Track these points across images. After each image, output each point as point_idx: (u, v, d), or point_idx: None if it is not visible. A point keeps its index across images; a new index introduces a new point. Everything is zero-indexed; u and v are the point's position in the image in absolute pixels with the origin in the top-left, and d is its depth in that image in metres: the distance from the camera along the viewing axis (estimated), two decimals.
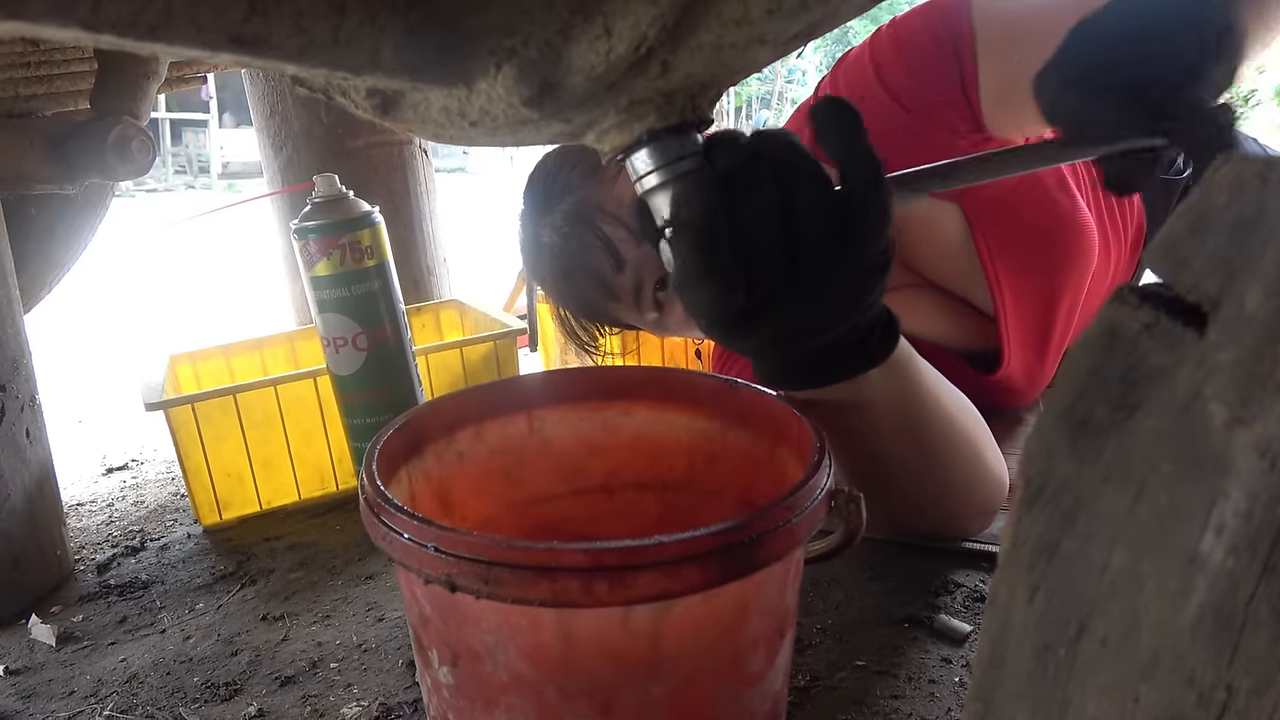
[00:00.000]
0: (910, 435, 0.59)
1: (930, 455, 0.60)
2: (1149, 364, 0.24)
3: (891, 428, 0.58)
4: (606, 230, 0.74)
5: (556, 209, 0.75)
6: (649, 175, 0.43)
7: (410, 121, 0.41)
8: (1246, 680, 0.20)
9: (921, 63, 0.76)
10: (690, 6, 0.34)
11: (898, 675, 0.58)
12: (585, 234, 0.74)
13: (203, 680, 0.64)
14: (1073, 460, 0.25)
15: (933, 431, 0.59)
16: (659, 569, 0.36)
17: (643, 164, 0.42)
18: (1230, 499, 0.20)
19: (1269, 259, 0.21)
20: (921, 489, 0.63)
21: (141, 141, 0.82)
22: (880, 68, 0.78)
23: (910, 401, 0.58)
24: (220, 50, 0.28)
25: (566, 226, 0.74)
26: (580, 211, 0.74)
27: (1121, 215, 0.90)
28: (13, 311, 0.79)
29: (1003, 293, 0.83)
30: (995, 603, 0.27)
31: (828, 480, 0.43)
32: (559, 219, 0.75)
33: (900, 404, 0.57)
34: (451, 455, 0.55)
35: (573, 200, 0.75)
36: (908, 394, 0.57)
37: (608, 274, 0.75)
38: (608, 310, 0.80)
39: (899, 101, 0.77)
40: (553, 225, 0.75)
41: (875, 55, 0.79)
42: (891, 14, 1.18)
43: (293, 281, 1.37)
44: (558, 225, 0.75)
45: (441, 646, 0.42)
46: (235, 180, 9.95)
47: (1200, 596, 0.21)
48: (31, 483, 0.80)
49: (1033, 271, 0.82)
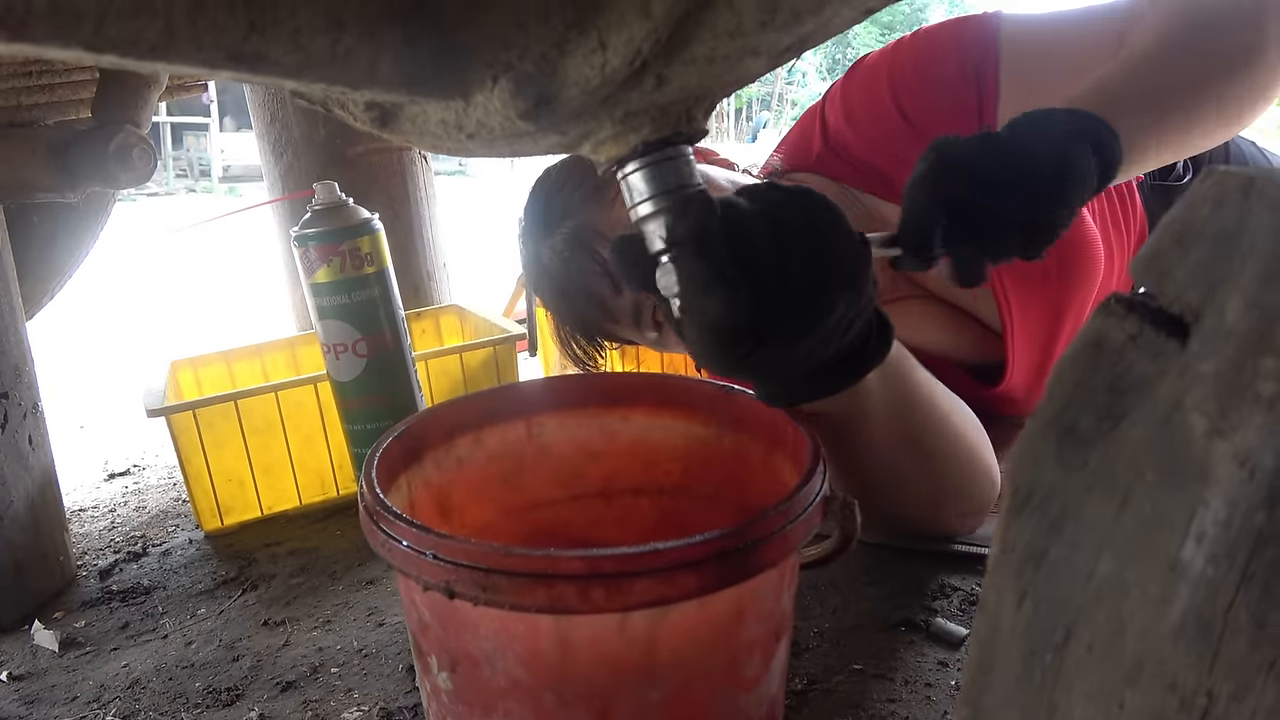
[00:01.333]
0: (906, 437, 0.59)
1: (926, 456, 0.61)
2: (1134, 374, 0.25)
3: (888, 430, 0.59)
4: (605, 255, 0.74)
5: (556, 232, 0.76)
6: (644, 203, 0.43)
7: (408, 133, 0.42)
8: (1226, 686, 0.20)
9: (940, 87, 0.76)
10: (684, 20, 0.34)
11: (894, 679, 0.58)
12: (584, 258, 0.74)
13: (204, 685, 0.65)
14: (1060, 468, 0.26)
15: (928, 433, 0.60)
16: (655, 575, 0.37)
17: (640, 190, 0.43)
18: (1210, 508, 0.21)
19: (1249, 272, 0.22)
20: (916, 489, 0.64)
21: (143, 150, 0.82)
22: (896, 84, 0.78)
23: (906, 404, 0.58)
24: (220, 68, 0.28)
25: (566, 250, 0.75)
26: (580, 236, 0.75)
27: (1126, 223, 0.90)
28: (15, 318, 0.79)
29: (1010, 308, 0.83)
30: (984, 608, 0.27)
31: (823, 486, 0.43)
32: (559, 242, 0.75)
33: (896, 407, 0.58)
34: (451, 462, 0.56)
35: (573, 224, 0.75)
36: (903, 398, 0.58)
37: (607, 297, 0.76)
38: (607, 330, 0.80)
39: (907, 119, 0.77)
40: (553, 248, 0.76)
41: (892, 70, 0.79)
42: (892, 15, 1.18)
43: (293, 287, 1.38)
44: (558, 248, 0.76)
45: (440, 652, 0.43)
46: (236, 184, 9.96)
47: (1182, 603, 0.21)
48: (34, 489, 0.80)
49: (1041, 287, 0.82)
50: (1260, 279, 0.21)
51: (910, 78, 0.78)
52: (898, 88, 0.78)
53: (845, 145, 0.82)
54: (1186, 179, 0.96)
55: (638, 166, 0.42)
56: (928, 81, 0.77)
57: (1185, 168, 0.96)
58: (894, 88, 0.78)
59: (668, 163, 0.42)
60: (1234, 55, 0.62)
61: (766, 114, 16.47)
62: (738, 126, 16.80)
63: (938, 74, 0.77)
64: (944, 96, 0.76)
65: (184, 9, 0.26)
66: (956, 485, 0.63)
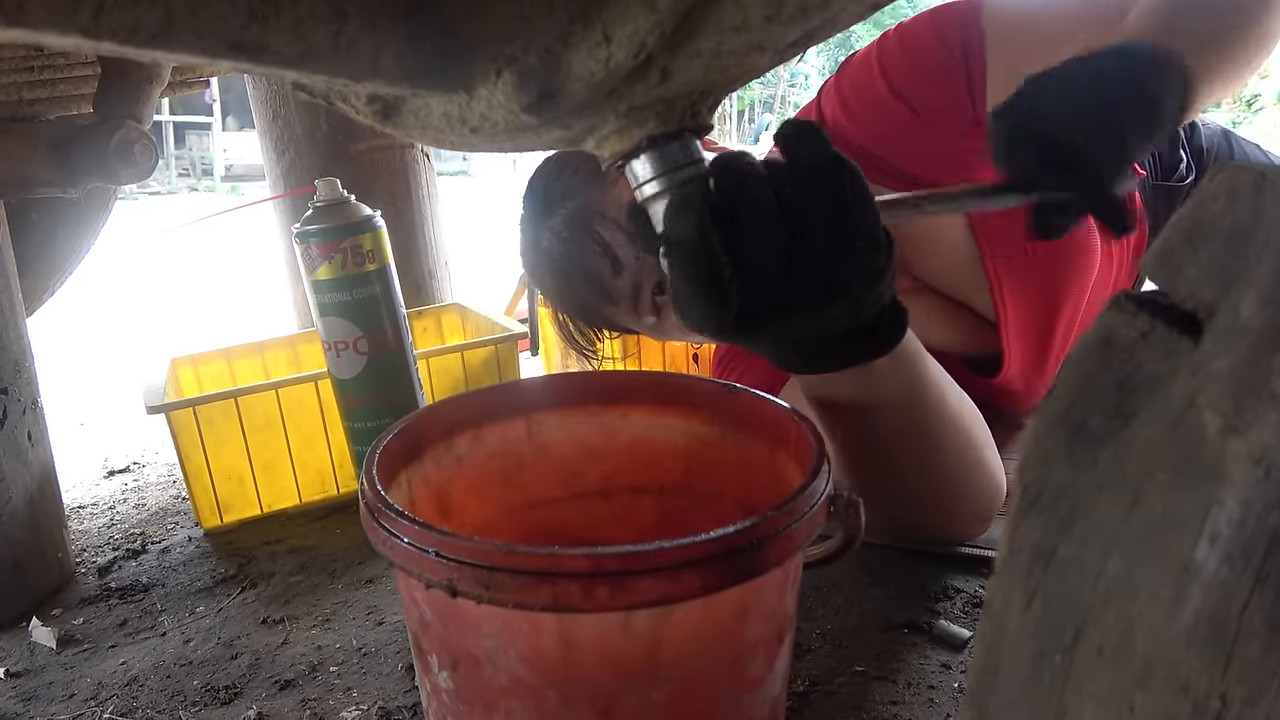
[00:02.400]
0: (916, 431, 0.59)
1: (933, 452, 0.61)
2: (1145, 372, 0.24)
3: (897, 421, 0.58)
4: (605, 235, 0.74)
5: (556, 213, 0.76)
6: (648, 184, 0.43)
7: (411, 127, 0.41)
8: (1240, 689, 0.20)
9: (928, 64, 0.77)
10: (689, 13, 0.34)
11: (897, 681, 0.58)
12: (584, 238, 0.74)
13: (202, 683, 0.65)
14: (1069, 467, 0.25)
15: (937, 428, 0.60)
16: (659, 574, 0.36)
17: (642, 172, 0.43)
18: (1225, 507, 0.20)
19: (1264, 268, 0.21)
20: (923, 489, 0.64)
21: (144, 145, 0.82)
22: (886, 69, 0.78)
23: (917, 396, 0.58)
24: (220, 57, 0.28)
25: (565, 231, 0.75)
26: (579, 216, 0.74)
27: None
28: (15, 314, 0.79)
29: (1004, 300, 0.83)
30: (991, 609, 0.27)
31: (827, 485, 0.43)
32: (558, 223, 0.75)
33: (907, 398, 0.58)
34: (450, 460, 0.55)
35: (572, 205, 0.75)
36: (915, 388, 0.57)
37: (606, 278, 0.75)
38: (606, 314, 0.80)
39: (903, 100, 0.77)
40: (552, 229, 0.76)
41: (881, 57, 0.79)
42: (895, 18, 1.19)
43: (295, 284, 1.37)
44: (557, 229, 0.75)
45: (442, 651, 0.42)
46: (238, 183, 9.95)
47: (1195, 605, 0.21)
48: (33, 485, 0.80)
49: (1035, 279, 0.82)
50: (1275, 275, 0.21)
51: (902, 66, 0.78)
52: (892, 76, 0.78)
53: (844, 135, 0.82)
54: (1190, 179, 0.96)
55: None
56: (919, 70, 0.77)
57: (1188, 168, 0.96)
58: (888, 77, 0.78)
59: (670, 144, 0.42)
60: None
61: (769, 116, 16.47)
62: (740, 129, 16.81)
63: (924, 61, 0.77)
64: (934, 81, 0.77)
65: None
66: (960, 485, 0.63)
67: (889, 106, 0.78)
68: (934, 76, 0.76)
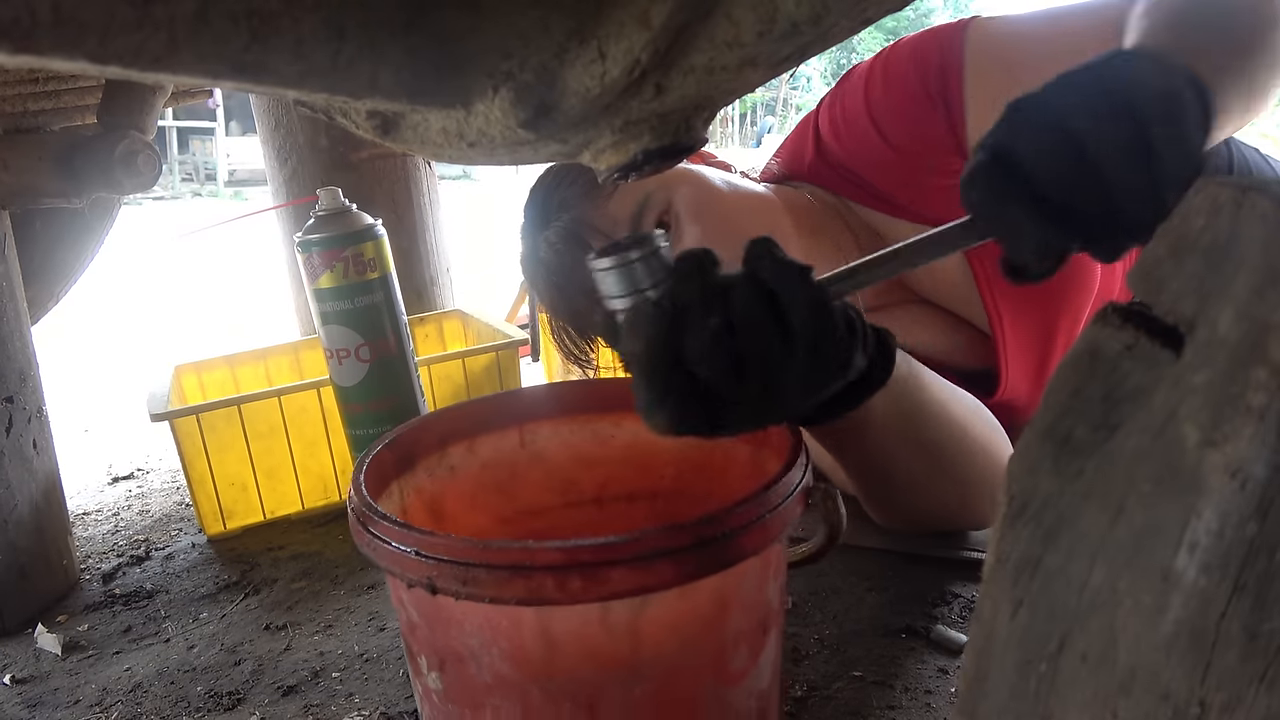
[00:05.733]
0: (919, 444, 0.60)
1: (943, 460, 0.62)
2: (1129, 384, 0.25)
3: (896, 437, 0.59)
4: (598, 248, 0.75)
5: (552, 225, 0.77)
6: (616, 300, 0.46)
7: (410, 142, 0.42)
8: (1219, 696, 0.20)
9: (903, 99, 0.77)
10: (682, 30, 0.34)
11: (894, 686, 0.58)
12: (578, 251, 0.75)
13: (206, 689, 0.65)
14: (1055, 478, 0.26)
15: (942, 437, 0.61)
16: (633, 564, 0.37)
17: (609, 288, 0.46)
18: (1203, 518, 0.21)
19: (1241, 283, 0.22)
20: (942, 493, 0.65)
21: (148, 156, 0.83)
22: (869, 97, 0.79)
23: (915, 413, 0.59)
24: (223, 78, 0.28)
25: (560, 243, 0.76)
26: (574, 228, 0.76)
27: None
28: (20, 323, 0.80)
29: (1001, 320, 0.83)
30: (980, 617, 0.28)
31: (803, 476, 0.44)
32: (554, 235, 0.76)
33: (905, 417, 0.58)
34: (443, 470, 0.56)
35: (568, 217, 0.76)
36: (912, 408, 0.58)
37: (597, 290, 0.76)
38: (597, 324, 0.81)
39: (880, 132, 0.78)
40: (548, 241, 0.77)
41: (869, 82, 0.80)
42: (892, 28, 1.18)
43: (297, 292, 1.38)
44: (552, 241, 0.77)
45: (429, 652, 0.43)
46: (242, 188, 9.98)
47: (1175, 613, 0.21)
48: (38, 492, 0.80)
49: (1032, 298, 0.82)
50: (1252, 291, 0.21)
51: (881, 98, 0.79)
52: (873, 105, 0.79)
53: (836, 157, 0.83)
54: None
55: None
56: (895, 105, 0.78)
57: None
58: (870, 105, 0.79)
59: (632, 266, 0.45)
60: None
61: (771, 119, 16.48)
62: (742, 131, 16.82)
63: (902, 96, 0.77)
64: (907, 116, 0.77)
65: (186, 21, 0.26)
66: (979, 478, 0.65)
67: (868, 135, 0.79)
68: (907, 111, 0.77)
